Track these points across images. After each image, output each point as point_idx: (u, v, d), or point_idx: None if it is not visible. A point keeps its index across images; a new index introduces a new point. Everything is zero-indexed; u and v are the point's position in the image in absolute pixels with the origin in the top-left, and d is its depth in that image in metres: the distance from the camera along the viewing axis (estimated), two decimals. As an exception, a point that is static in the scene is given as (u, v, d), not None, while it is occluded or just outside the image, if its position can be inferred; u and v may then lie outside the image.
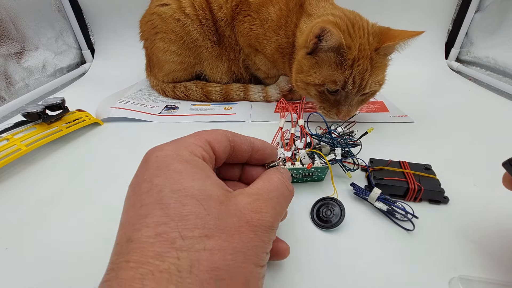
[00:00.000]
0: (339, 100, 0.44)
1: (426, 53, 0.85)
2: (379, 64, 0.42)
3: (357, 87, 0.42)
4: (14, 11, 0.65)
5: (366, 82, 0.42)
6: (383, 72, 0.44)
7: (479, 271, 0.25)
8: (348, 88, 0.42)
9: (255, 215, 0.18)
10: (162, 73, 0.63)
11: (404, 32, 0.41)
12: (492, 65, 0.76)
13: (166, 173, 0.18)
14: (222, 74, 0.62)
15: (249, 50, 0.57)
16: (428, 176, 0.34)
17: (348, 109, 0.44)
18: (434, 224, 0.30)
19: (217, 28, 0.56)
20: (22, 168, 0.40)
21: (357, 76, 0.41)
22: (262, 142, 0.26)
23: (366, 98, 0.46)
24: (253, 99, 0.60)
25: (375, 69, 0.42)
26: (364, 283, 0.25)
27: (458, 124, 0.51)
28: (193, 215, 0.16)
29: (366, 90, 0.43)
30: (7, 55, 0.63)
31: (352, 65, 0.40)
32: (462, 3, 0.82)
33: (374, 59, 0.41)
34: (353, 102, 0.44)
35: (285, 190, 0.22)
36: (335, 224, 0.29)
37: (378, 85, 0.45)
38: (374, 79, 0.43)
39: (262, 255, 0.18)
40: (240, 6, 0.53)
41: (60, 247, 0.28)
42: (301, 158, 0.33)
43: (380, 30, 0.43)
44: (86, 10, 0.85)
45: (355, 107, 0.45)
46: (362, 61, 0.40)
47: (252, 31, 0.52)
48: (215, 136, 0.23)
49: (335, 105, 0.44)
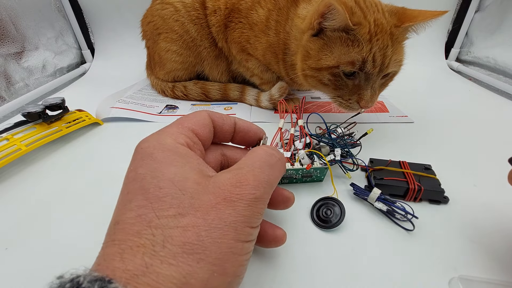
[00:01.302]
0: (358, 85, 0.38)
1: (426, 53, 0.85)
2: (400, 41, 0.38)
3: (378, 65, 0.36)
4: (14, 11, 0.65)
5: (389, 60, 0.37)
6: (403, 51, 0.40)
7: (479, 271, 0.25)
8: (368, 68, 0.36)
9: (234, 189, 0.18)
10: (163, 71, 0.63)
11: (425, 12, 0.37)
12: (492, 65, 0.76)
13: (149, 163, 0.19)
14: (222, 73, 0.62)
15: (241, 56, 0.56)
16: (428, 176, 0.34)
17: (371, 94, 0.38)
18: (434, 224, 0.30)
19: (211, 31, 0.57)
20: (22, 168, 0.40)
21: (377, 53, 0.36)
22: (246, 124, 0.27)
23: (386, 82, 0.42)
24: (247, 101, 0.60)
25: (397, 45, 0.38)
26: (364, 283, 0.25)
27: (458, 124, 0.51)
28: (169, 196, 0.17)
29: (389, 70, 0.38)
30: (7, 55, 0.63)
31: (370, 40, 0.36)
32: (462, 3, 0.82)
33: (395, 34, 0.37)
34: (376, 85, 0.39)
35: (269, 157, 0.21)
36: (335, 224, 0.29)
37: (399, 66, 0.40)
38: (397, 57, 0.38)
39: (244, 229, 0.18)
40: (232, 14, 0.53)
41: (60, 247, 0.28)
42: (301, 159, 0.33)
43: (396, 9, 0.39)
44: (86, 10, 0.85)
45: (378, 92, 0.40)
46: (381, 36, 0.36)
47: (243, 34, 0.52)
48: (197, 120, 0.23)
49: (355, 91, 0.39)
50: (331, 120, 0.51)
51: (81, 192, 0.36)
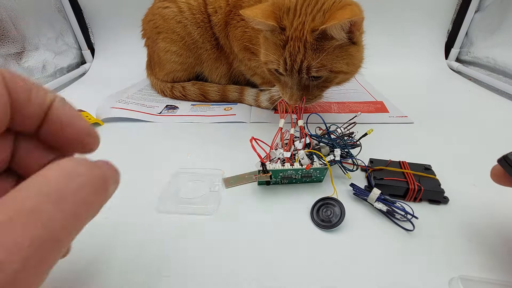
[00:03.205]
0: (285, 82, 0.43)
1: (426, 53, 0.85)
2: (317, 46, 0.38)
3: (289, 69, 0.40)
4: (14, 11, 0.65)
5: (299, 65, 0.39)
6: (331, 56, 0.38)
7: (479, 271, 0.25)
8: (281, 70, 0.40)
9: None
10: (163, 72, 0.63)
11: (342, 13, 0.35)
12: (492, 65, 0.76)
13: None
14: (221, 76, 0.63)
15: (243, 54, 0.56)
16: (428, 176, 0.34)
17: (291, 93, 0.41)
18: (434, 224, 0.30)
19: (214, 33, 0.57)
20: (22, 168, 0.40)
21: (288, 58, 0.39)
22: (72, 113, 0.16)
23: (319, 84, 0.42)
24: (246, 102, 0.60)
25: (312, 52, 0.38)
26: (364, 283, 0.25)
27: (458, 124, 0.51)
28: None
29: (304, 75, 0.39)
30: (7, 55, 0.63)
31: (284, 46, 0.39)
32: (462, 3, 0.82)
33: (309, 41, 0.37)
34: (295, 85, 0.41)
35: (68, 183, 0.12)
36: (335, 224, 0.29)
37: (324, 70, 0.39)
38: (311, 62, 0.38)
39: None
40: (234, 11, 0.53)
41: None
42: (300, 159, 0.33)
43: (335, 7, 0.38)
44: (86, 10, 0.85)
45: (302, 92, 0.41)
46: (294, 42, 0.38)
47: (246, 33, 0.52)
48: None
49: (284, 87, 0.43)
50: (331, 120, 0.51)
51: (81, 192, 0.36)
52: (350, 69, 0.42)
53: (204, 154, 0.43)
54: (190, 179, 0.37)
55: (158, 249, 0.28)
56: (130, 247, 0.28)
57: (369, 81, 0.72)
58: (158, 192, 0.34)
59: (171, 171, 0.38)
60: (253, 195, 0.35)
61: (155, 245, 0.28)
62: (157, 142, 0.46)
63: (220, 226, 0.31)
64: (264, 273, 0.26)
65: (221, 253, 0.28)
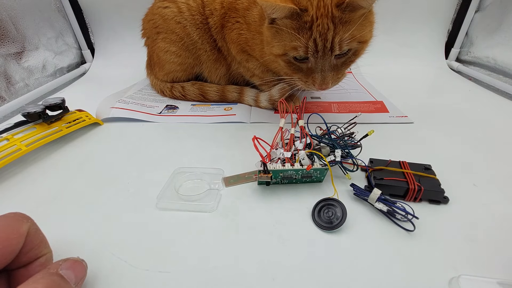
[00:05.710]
0: (311, 68, 0.41)
1: (426, 53, 0.85)
2: (346, 19, 0.37)
3: (321, 50, 0.38)
4: (14, 11, 0.65)
5: (331, 43, 0.38)
6: (358, 26, 0.38)
7: (479, 271, 0.25)
8: (311, 53, 0.39)
9: None
10: (162, 72, 0.63)
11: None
12: (492, 65, 0.76)
13: None
14: (221, 77, 0.62)
15: (241, 56, 0.56)
16: (428, 176, 0.34)
17: (322, 76, 0.40)
18: (434, 224, 0.30)
19: (212, 34, 0.57)
20: (22, 168, 0.40)
21: (318, 38, 0.37)
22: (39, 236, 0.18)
23: (346, 60, 0.42)
24: (246, 102, 0.60)
25: (342, 26, 0.37)
26: (364, 283, 0.25)
27: (458, 124, 0.51)
28: None
29: (336, 52, 0.39)
30: (7, 55, 0.63)
31: (311, 27, 0.37)
32: (462, 3, 0.82)
33: (337, 15, 0.37)
34: (326, 67, 0.40)
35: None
36: (337, 225, 0.29)
37: (354, 42, 0.39)
38: (343, 36, 0.38)
39: None
40: (229, 13, 0.52)
41: (59, 247, 0.28)
42: (301, 159, 0.33)
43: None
44: (86, 10, 0.85)
45: (332, 73, 0.41)
46: (321, 21, 0.37)
47: (242, 36, 0.52)
48: None
49: (309, 74, 0.41)
50: (331, 120, 0.51)
51: (80, 192, 0.36)
52: (370, 37, 0.42)
53: (204, 154, 0.43)
54: (190, 178, 0.37)
55: (158, 246, 0.28)
56: (130, 244, 0.28)
57: (369, 81, 0.72)
58: (157, 191, 0.34)
59: (171, 171, 0.38)
60: (252, 194, 0.35)
61: (154, 242, 0.29)
62: (157, 142, 0.46)
63: (219, 223, 0.31)
64: (264, 274, 0.26)
65: (220, 250, 0.28)
